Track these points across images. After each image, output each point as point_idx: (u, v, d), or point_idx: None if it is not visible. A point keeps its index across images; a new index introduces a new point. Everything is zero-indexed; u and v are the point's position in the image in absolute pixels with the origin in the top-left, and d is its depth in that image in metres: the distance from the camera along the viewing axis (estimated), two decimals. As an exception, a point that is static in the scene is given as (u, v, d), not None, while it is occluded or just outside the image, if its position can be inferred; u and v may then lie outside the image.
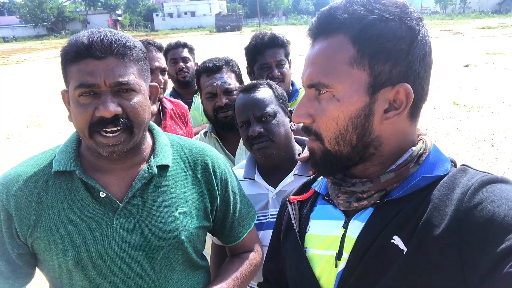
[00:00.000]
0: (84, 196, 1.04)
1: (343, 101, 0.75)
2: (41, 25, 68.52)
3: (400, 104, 0.75)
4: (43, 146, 1.20)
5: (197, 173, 1.17)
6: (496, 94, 8.84)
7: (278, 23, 69.33)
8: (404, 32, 0.72)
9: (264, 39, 2.11)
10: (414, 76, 0.74)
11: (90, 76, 0.95)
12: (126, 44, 1.00)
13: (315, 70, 0.77)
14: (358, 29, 0.73)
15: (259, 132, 1.41)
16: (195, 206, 1.14)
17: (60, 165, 1.04)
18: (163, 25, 71.44)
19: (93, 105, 0.97)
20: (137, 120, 1.02)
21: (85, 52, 0.95)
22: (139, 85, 1.02)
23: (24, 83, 14.90)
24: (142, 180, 1.07)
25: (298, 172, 1.45)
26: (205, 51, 12.81)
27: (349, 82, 0.74)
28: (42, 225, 1.02)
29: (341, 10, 0.74)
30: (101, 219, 1.03)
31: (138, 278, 1.05)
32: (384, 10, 0.73)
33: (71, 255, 1.00)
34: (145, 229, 1.05)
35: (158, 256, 1.06)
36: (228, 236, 1.26)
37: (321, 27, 0.78)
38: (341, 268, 0.80)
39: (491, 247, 0.61)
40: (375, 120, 0.76)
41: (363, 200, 0.80)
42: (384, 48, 0.72)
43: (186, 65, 2.89)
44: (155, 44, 2.20)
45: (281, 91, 1.54)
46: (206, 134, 1.97)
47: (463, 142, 6.05)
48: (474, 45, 18.54)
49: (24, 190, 1.03)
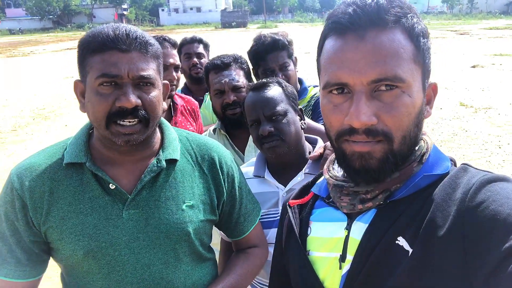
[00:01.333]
0: (95, 188, 1.06)
1: (413, 97, 0.73)
2: (47, 18, 68.77)
3: (430, 99, 0.80)
4: (50, 139, 1.20)
5: (204, 168, 1.19)
6: (503, 95, 8.80)
7: (284, 20, 69.18)
8: (427, 33, 0.76)
9: (265, 44, 2.08)
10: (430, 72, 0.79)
11: (114, 67, 0.98)
12: (149, 41, 1.04)
13: (387, 63, 0.70)
14: (410, 25, 0.73)
15: (270, 132, 1.41)
16: (202, 200, 1.16)
17: (71, 157, 1.07)
18: (169, 20, 71.49)
19: (113, 95, 0.99)
20: (154, 113, 1.05)
21: (111, 43, 0.98)
22: (157, 80, 1.06)
23: (31, 76, 14.98)
24: (151, 173, 1.09)
25: (308, 170, 1.45)
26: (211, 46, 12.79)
27: (416, 78, 0.74)
28: (54, 215, 1.05)
29: (390, 4, 0.72)
30: (110, 210, 1.06)
31: (146, 268, 1.08)
32: (414, 11, 0.75)
33: (82, 245, 1.04)
34: (153, 221, 1.08)
35: (165, 247, 1.09)
36: (234, 231, 1.29)
37: (374, 18, 0.71)
38: (346, 270, 0.80)
39: (494, 246, 0.61)
40: (423, 116, 0.78)
41: (367, 202, 0.79)
42: (427, 46, 0.75)
43: (200, 61, 2.85)
44: (170, 40, 2.20)
45: (291, 89, 1.53)
46: (215, 131, 1.97)
47: (469, 143, 6.02)
48: (481, 46, 18.44)
49: (37, 180, 1.06)
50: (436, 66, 1.56)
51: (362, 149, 0.74)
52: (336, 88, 0.75)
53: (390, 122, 0.72)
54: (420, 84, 0.75)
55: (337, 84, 0.74)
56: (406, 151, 0.76)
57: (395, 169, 0.76)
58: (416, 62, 0.73)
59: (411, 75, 0.72)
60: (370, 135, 0.72)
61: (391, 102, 0.72)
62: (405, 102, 0.72)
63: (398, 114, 0.72)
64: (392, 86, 0.71)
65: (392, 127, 0.72)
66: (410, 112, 0.73)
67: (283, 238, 1.00)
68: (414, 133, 0.76)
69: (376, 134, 0.72)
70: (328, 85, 0.76)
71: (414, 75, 0.73)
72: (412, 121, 0.74)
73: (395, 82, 0.71)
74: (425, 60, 0.75)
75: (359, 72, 0.71)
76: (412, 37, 0.73)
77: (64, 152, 1.09)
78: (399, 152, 0.75)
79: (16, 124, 8.43)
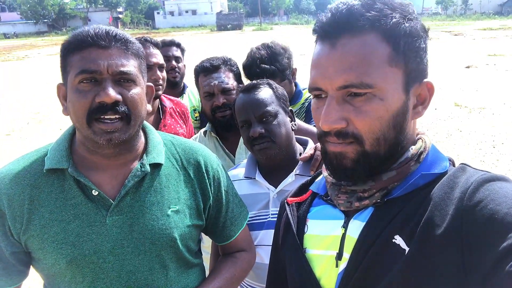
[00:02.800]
0: (77, 194, 1.04)
1: (386, 100, 0.74)
2: (42, 22, 68.57)
3: (424, 99, 0.79)
4: (44, 143, 1.19)
5: (189, 172, 1.17)
6: (497, 95, 8.84)
7: (279, 23, 69.35)
8: (421, 31, 0.76)
9: (256, 73, 1.96)
10: (427, 71, 0.79)
11: (93, 63, 0.97)
12: (129, 39, 1.04)
13: (353, 70, 0.72)
14: (390, 27, 0.73)
15: (260, 133, 1.40)
16: (188, 205, 1.14)
17: (52, 163, 1.04)
18: (164, 23, 71.48)
19: (93, 92, 0.98)
20: (135, 110, 1.03)
21: (90, 41, 0.98)
22: (138, 78, 1.05)
23: (25, 80, 14.91)
24: (135, 178, 1.07)
25: (299, 172, 1.44)
26: (206, 49, 12.78)
27: (391, 81, 0.74)
28: (35, 223, 1.02)
29: (364, 8, 0.73)
30: (94, 217, 1.03)
31: (131, 275, 1.05)
32: (403, 10, 0.75)
33: (65, 253, 1.01)
34: (137, 227, 1.06)
35: (151, 253, 1.07)
36: (220, 235, 1.27)
37: (345, 25, 0.73)
38: (342, 268, 0.80)
39: (492, 245, 0.61)
40: (408, 117, 0.78)
41: (364, 200, 0.79)
42: (413, 46, 0.75)
43: (178, 65, 2.81)
44: (151, 41, 2.17)
45: (281, 91, 1.53)
46: (206, 133, 1.96)
47: (464, 143, 6.04)
48: (475, 46, 18.54)
49: (16, 188, 1.03)
50: (431, 67, 1.57)
51: (335, 149, 0.78)
52: (315, 92, 0.79)
53: (359, 125, 0.74)
54: (399, 86, 0.74)
55: (313, 89, 0.78)
56: (383, 152, 0.77)
57: (370, 169, 0.78)
58: (392, 65, 0.73)
59: (383, 79, 0.73)
60: (340, 137, 0.76)
61: (360, 107, 0.74)
62: (374, 106, 0.73)
63: (367, 118, 0.74)
64: (361, 91, 0.73)
65: (362, 130, 0.75)
66: (381, 115, 0.74)
67: (280, 235, 1.00)
68: (390, 135, 0.76)
69: (346, 137, 0.76)
70: (309, 89, 0.80)
71: (387, 79, 0.73)
72: (386, 124, 0.75)
73: (361, 88, 0.72)
74: (408, 61, 0.74)
75: (329, 78, 0.74)
76: (390, 39, 0.73)
77: (45, 158, 1.06)
78: (373, 153, 0.76)
79: (10, 128, 8.39)
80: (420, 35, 0.76)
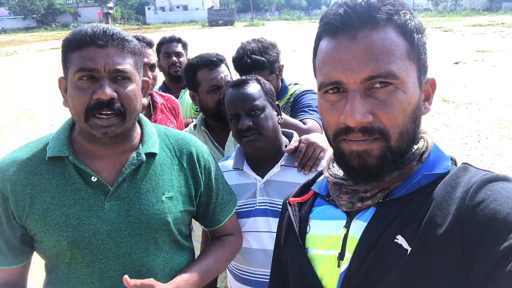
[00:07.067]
0: (77, 180, 1.11)
1: (408, 93, 0.73)
2: (31, 17, 67.53)
3: (428, 95, 0.80)
4: (35, 138, 1.25)
5: (182, 161, 1.25)
6: (484, 91, 8.98)
7: (271, 18, 69.13)
8: (422, 28, 0.77)
9: (246, 65, 2.03)
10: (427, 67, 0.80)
11: (91, 61, 1.04)
12: (126, 38, 1.09)
13: (379, 61, 0.70)
14: (403, 22, 0.73)
15: (249, 126, 1.47)
16: (181, 192, 1.22)
17: (53, 151, 1.11)
18: (155, 19, 70.85)
19: (91, 89, 1.05)
20: (130, 107, 1.09)
21: (89, 40, 1.04)
22: (134, 75, 1.11)
23: (15, 76, 14.75)
24: (132, 166, 1.15)
25: (284, 163, 1.52)
26: (198, 45, 12.73)
27: (410, 74, 0.73)
28: (37, 208, 1.09)
29: (380, 2, 0.72)
30: (93, 202, 1.11)
31: (127, 256, 1.14)
32: (406, 7, 0.76)
33: (66, 235, 1.09)
34: (134, 211, 1.14)
35: (146, 236, 1.15)
36: (210, 220, 1.35)
37: (366, 17, 0.71)
38: (344, 268, 0.80)
39: (493, 245, 0.61)
40: (421, 113, 0.78)
41: (366, 200, 0.79)
42: (422, 42, 0.76)
43: (179, 59, 2.93)
44: (144, 40, 2.23)
45: (269, 86, 1.60)
46: (195, 127, 2.02)
47: (450, 138, 6.17)
48: (464, 42, 18.71)
49: (19, 174, 1.10)
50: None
51: (359, 147, 0.74)
52: (332, 87, 0.75)
53: (385, 119, 0.72)
54: (415, 80, 0.75)
55: (331, 83, 0.74)
56: (405, 148, 0.76)
57: (394, 166, 0.75)
58: (410, 58, 0.73)
59: (405, 72, 0.72)
60: (366, 133, 0.72)
61: (385, 99, 0.71)
62: (399, 98, 0.72)
63: (393, 111, 0.72)
64: (386, 83, 0.71)
65: (388, 124, 0.72)
66: (405, 108, 0.72)
67: (282, 235, 1.00)
68: (411, 129, 0.75)
69: (372, 132, 0.72)
70: (323, 85, 0.76)
71: (408, 72, 0.73)
72: (408, 117, 0.74)
73: (388, 78, 0.70)
74: (420, 56, 0.75)
75: (352, 71, 0.71)
76: (405, 34, 0.73)
77: (47, 146, 1.14)
78: (397, 148, 0.74)
79: (0, 125, 8.34)
80: (424, 32, 0.77)
